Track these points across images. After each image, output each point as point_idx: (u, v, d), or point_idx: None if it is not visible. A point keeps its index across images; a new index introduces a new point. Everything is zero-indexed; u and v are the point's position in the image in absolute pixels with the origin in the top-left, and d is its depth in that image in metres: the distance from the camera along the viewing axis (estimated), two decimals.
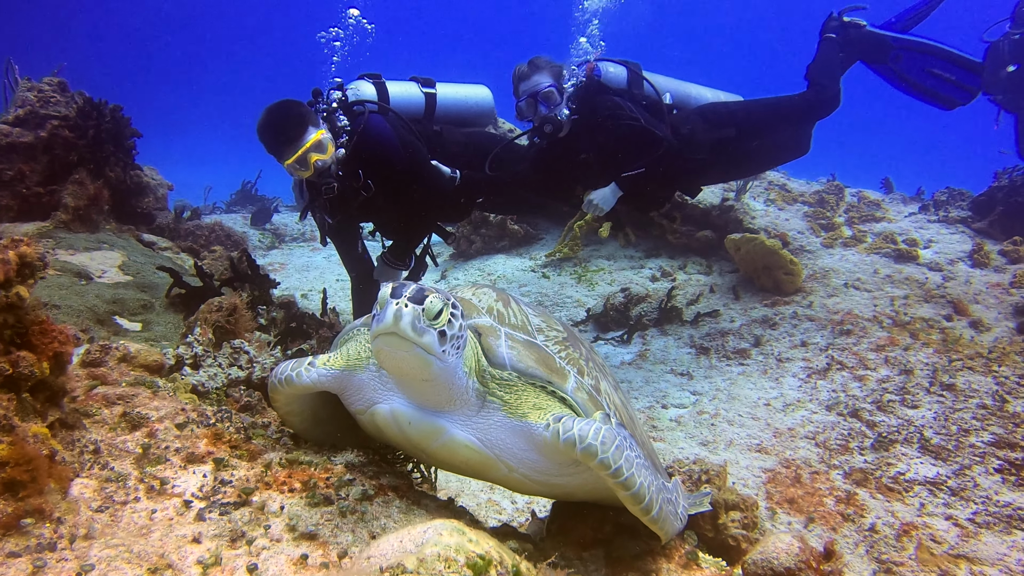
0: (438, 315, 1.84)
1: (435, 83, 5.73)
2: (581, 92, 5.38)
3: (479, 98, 5.96)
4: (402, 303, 1.80)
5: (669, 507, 2.04)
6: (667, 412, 5.44)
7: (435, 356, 1.84)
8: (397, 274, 5.62)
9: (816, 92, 5.75)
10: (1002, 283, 7.08)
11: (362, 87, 5.37)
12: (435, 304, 1.83)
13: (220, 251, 6.96)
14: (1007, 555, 3.69)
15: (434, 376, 1.91)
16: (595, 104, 5.34)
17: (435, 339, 1.83)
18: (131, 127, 6.22)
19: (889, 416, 4.91)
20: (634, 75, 5.56)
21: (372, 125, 4.96)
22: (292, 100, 4.83)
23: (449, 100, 5.75)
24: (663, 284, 7.71)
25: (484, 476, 2.18)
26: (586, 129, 5.36)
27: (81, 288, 4.19)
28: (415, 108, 5.54)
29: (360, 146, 4.87)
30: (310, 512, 1.81)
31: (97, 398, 2.12)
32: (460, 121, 5.86)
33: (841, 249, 8.10)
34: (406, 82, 5.64)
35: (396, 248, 5.52)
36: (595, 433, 1.89)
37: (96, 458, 1.85)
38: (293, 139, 4.64)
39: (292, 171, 4.80)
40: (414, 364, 1.86)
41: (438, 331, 1.84)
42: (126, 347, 2.57)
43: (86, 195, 5.50)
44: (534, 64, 5.29)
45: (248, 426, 2.30)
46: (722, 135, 5.58)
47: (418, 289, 1.85)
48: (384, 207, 5.28)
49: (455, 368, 1.95)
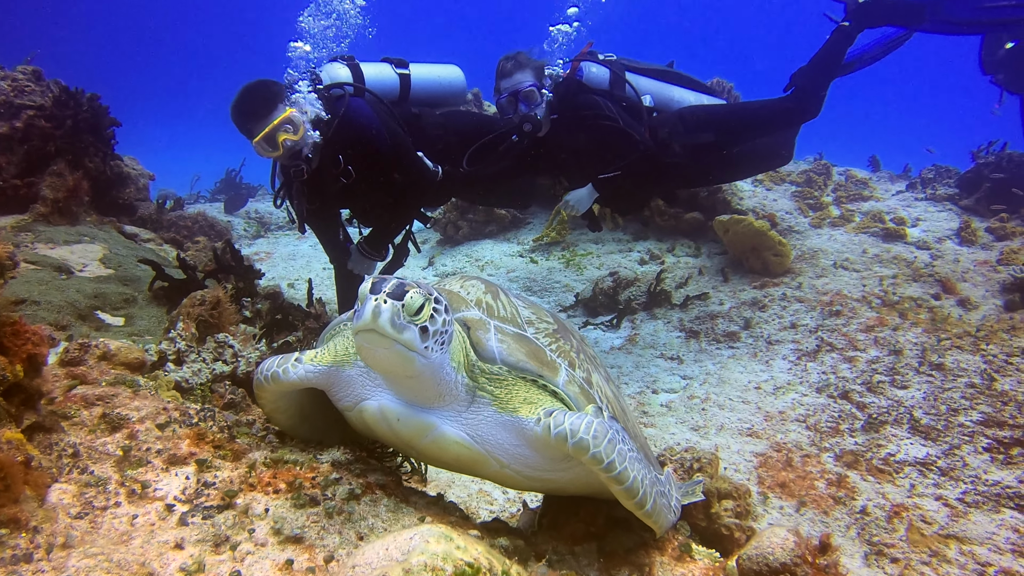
0: (419, 311, 1.79)
1: (408, 64, 5.61)
2: (562, 91, 5.33)
3: (452, 78, 5.86)
4: (381, 299, 1.76)
5: (663, 500, 2.01)
6: (657, 397, 5.42)
7: (417, 353, 1.80)
8: (372, 265, 5.51)
9: (798, 99, 5.69)
10: (989, 260, 7.09)
11: (336, 69, 5.23)
12: (415, 300, 1.78)
13: (204, 242, 6.89)
14: (996, 533, 3.71)
15: (419, 372, 1.87)
16: (575, 103, 5.29)
17: (416, 335, 1.79)
18: (110, 116, 6.11)
19: (879, 397, 4.91)
20: (616, 76, 5.50)
21: (354, 109, 4.83)
22: (266, 79, 4.71)
23: (423, 80, 5.63)
24: (652, 267, 7.68)
25: (475, 472, 2.15)
26: (565, 128, 5.31)
27: (61, 283, 4.12)
28: (390, 90, 5.42)
29: (341, 130, 4.74)
30: (296, 514, 1.77)
31: (76, 399, 2.07)
32: (433, 101, 5.75)
33: (829, 229, 8.09)
34: (379, 63, 5.51)
35: (372, 238, 5.40)
36: (587, 427, 1.85)
37: (75, 462, 1.80)
38: (261, 116, 4.52)
39: (261, 151, 4.65)
40: (396, 361, 1.82)
41: (419, 327, 1.79)
42: (106, 345, 2.51)
43: (65, 187, 5.39)
44: (517, 61, 5.20)
45: (232, 424, 2.25)
46: (701, 139, 5.53)
47: (398, 284, 1.80)
48: (364, 194, 5.16)
49: (441, 364, 1.91)
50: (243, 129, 4.61)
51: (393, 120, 5.12)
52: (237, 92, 4.61)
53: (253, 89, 4.61)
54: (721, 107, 5.85)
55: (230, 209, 13.09)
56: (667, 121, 5.56)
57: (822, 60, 5.77)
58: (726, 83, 9.95)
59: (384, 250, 5.53)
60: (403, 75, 5.50)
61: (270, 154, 4.67)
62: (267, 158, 4.85)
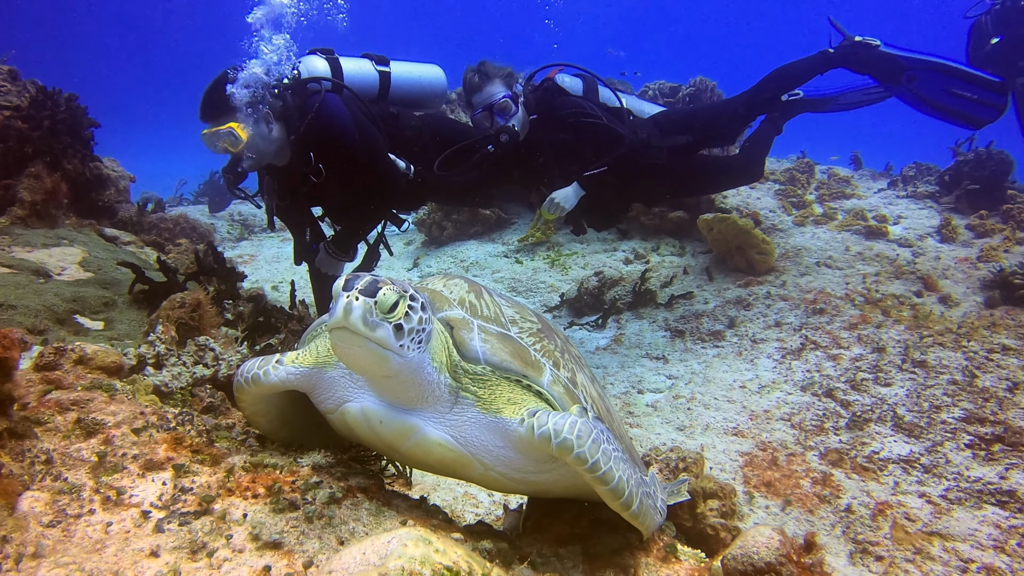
0: (393, 308, 1.76)
1: (389, 61, 5.47)
2: (540, 95, 5.32)
3: (432, 77, 5.69)
4: (353, 296, 1.72)
5: (649, 501, 2.00)
6: (643, 397, 5.41)
7: (392, 351, 1.77)
8: (340, 265, 5.40)
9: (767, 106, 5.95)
10: (970, 257, 7.15)
11: (315, 62, 5.06)
12: (389, 297, 1.75)
13: (186, 244, 6.81)
14: (978, 530, 3.72)
15: (396, 372, 1.83)
16: (555, 104, 5.27)
17: (390, 333, 1.75)
18: (88, 117, 6.03)
19: (863, 395, 4.92)
20: (590, 85, 5.51)
21: (328, 106, 4.69)
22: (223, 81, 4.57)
23: (403, 79, 5.48)
24: (636, 267, 7.69)
25: (460, 475, 2.11)
26: (544, 131, 5.28)
27: (39, 287, 4.06)
28: (369, 87, 5.27)
29: (313, 128, 4.63)
30: (275, 519, 1.74)
31: (50, 404, 2.03)
32: (413, 101, 5.61)
33: (812, 227, 8.13)
34: (359, 59, 5.35)
35: (339, 238, 5.28)
36: (571, 427, 1.82)
37: (48, 469, 1.76)
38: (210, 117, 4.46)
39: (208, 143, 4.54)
40: (370, 360, 1.79)
41: (393, 325, 1.76)
42: (82, 348, 2.47)
43: (43, 189, 5.32)
44: (484, 73, 5.14)
45: (211, 428, 2.22)
46: (677, 141, 5.60)
47: (371, 281, 1.76)
48: (333, 193, 5.06)
49: (420, 363, 1.88)
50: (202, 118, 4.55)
51: (368, 119, 5.00)
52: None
53: (216, 80, 4.51)
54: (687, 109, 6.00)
55: (214, 209, 12.98)
56: (643, 125, 5.61)
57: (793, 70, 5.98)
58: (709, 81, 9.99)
59: (352, 251, 5.42)
60: (383, 73, 5.36)
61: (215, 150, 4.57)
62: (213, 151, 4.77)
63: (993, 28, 7.69)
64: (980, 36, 7.92)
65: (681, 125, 5.71)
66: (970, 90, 5.93)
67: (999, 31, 7.63)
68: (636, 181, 5.64)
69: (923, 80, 5.92)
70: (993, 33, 7.70)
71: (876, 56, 5.92)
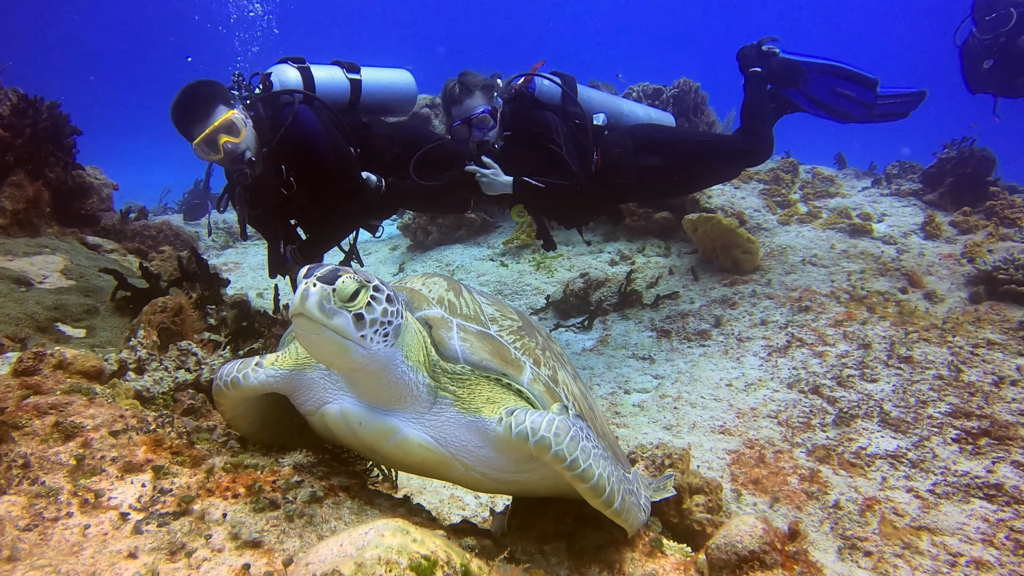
0: (353, 296, 1.74)
1: (359, 68, 5.45)
2: (516, 105, 5.25)
3: (402, 83, 5.68)
4: (311, 283, 1.71)
5: (632, 498, 1.99)
6: (630, 397, 5.41)
7: (352, 341, 1.75)
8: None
9: (751, 142, 5.77)
10: (953, 254, 7.20)
11: (286, 72, 5.03)
12: (348, 285, 1.73)
13: (169, 251, 6.78)
14: (966, 524, 3.73)
15: (361, 365, 1.81)
16: (528, 118, 5.21)
17: (348, 322, 1.73)
18: (70, 125, 5.99)
19: (849, 391, 4.93)
20: (568, 91, 5.42)
21: (301, 119, 4.67)
22: (206, 79, 4.54)
23: (373, 85, 5.45)
24: (622, 268, 7.70)
25: (441, 475, 2.09)
26: (516, 146, 5.22)
27: (20, 295, 4.03)
28: (340, 95, 5.24)
29: (286, 140, 4.60)
30: (255, 518, 1.72)
31: (28, 408, 2.01)
32: (384, 107, 5.60)
33: (797, 226, 8.16)
34: (330, 67, 5.32)
35: (306, 247, 5.22)
36: (548, 425, 1.81)
37: (25, 472, 1.74)
38: (201, 117, 4.37)
39: (201, 153, 4.50)
40: (331, 349, 1.77)
41: (353, 314, 1.74)
42: (62, 353, 2.45)
43: (25, 197, 5.28)
44: (464, 85, 5.08)
45: (192, 430, 2.20)
46: (649, 163, 5.50)
47: (332, 269, 1.75)
48: (304, 206, 5.03)
49: (389, 358, 1.85)
50: (183, 131, 4.46)
51: (340, 132, 4.98)
52: (177, 92, 4.45)
53: (193, 89, 4.45)
54: (673, 133, 5.89)
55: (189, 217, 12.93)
56: (618, 141, 5.49)
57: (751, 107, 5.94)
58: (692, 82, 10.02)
59: (318, 259, 5.31)
60: (354, 80, 5.33)
61: (211, 157, 4.53)
62: (207, 161, 4.71)
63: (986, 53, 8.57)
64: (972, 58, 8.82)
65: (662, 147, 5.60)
66: (850, 88, 6.22)
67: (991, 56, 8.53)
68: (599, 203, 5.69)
69: (815, 82, 6.18)
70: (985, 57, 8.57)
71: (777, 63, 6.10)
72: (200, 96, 4.44)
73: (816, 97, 6.22)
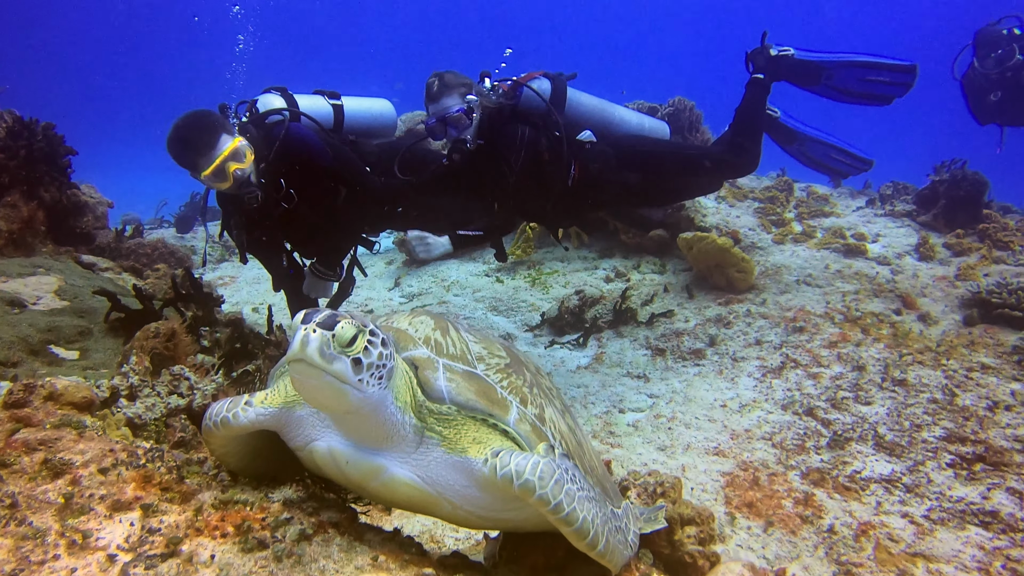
0: (352, 341, 1.75)
1: (340, 96, 5.61)
2: (495, 117, 5.14)
3: (383, 110, 5.86)
4: (310, 329, 1.71)
5: (618, 536, 1.99)
6: (624, 417, 5.41)
7: (350, 385, 1.76)
8: (328, 286, 5.43)
9: (736, 153, 5.69)
10: (947, 276, 7.22)
11: (272, 99, 5.18)
12: (347, 330, 1.75)
13: (164, 269, 6.78)
14: (962, 551, 3.71)
15: (356, 408, 1.82)
16: (501, 132, 5.11)
17: (347, 367, 1.74)
18: (65, 145, 6.02)
19: (843, 414, 4.94)
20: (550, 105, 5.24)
21: (295, 130, 4.79)
22: (202, 110, 4.62)
23: (355, 112, 5.62)
24: (617, 285, 7.70)
25: (429, 513, 2.10)
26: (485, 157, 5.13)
27: (13, 317, 4.02)
28: (324, 119, 5.36)
29: (283, 152, 4.70)
30: (243, 559, 1.72)
31: (17, 445, 2.00)
32: (365, 133, 5.73)
33: (792, 245, 8.18)
34: (311, 95, 5.49)
35: (325, 258, 5.32)
36: (532, 468, 1.82)
37: (12, 513, 1.73)
38: (207, 148, 4.44)
39: (209, 183, 4.58)
40: (328, 394, 1.78)
41: (351, 359, 1.75)
42: (52, 384, 2.44)
43: (19, 218, 5.30)
44: (444, 83, 5.04)
45: (182, 464, 2.19)
46: (628, 180, 5.46)
47: (330, 315, 1.76)
48: (307, 217, 5.07)
49: (382, 400, 1.86)
50: (186, 163, 4.52)
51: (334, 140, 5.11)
52: (172, 127, 4.49)
53: (193, 120, 4.51)
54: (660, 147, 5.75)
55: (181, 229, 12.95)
56: (599, 155, 5.35)
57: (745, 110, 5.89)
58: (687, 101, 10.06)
59: (339, 268, 5.44)
60: (336, 106, 5.48)
61: (219, 186, 4.59)
62: (215, 189, 4.78)
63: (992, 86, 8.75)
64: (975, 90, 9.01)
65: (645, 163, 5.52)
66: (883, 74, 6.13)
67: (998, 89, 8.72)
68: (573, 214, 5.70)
69: (839, 76, 6.12)
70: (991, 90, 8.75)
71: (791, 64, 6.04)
72: (202, 127, 4.50)
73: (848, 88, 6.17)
